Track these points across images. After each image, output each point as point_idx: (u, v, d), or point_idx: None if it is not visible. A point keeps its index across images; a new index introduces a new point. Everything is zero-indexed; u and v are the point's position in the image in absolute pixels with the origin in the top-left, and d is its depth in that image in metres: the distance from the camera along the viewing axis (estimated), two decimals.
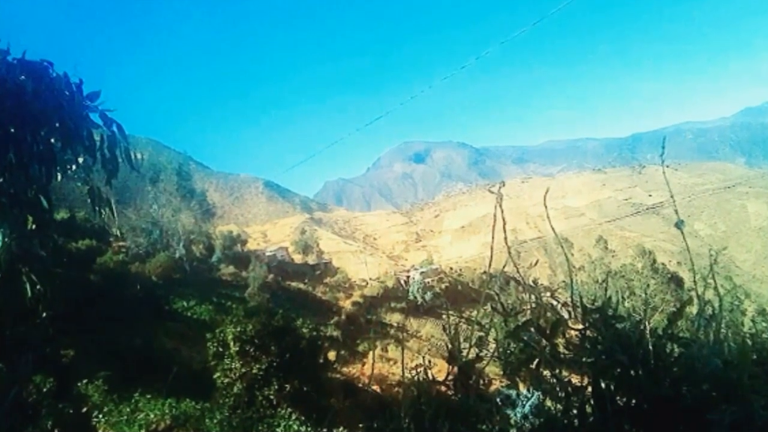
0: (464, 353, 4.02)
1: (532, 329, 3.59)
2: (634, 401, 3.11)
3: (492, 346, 4.06)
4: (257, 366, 19.99)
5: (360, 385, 30.95)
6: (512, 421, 4.37)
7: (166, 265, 46.49)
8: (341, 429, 17.99)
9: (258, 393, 19.65)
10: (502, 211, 3.84)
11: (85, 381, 19.60)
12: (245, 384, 19.82)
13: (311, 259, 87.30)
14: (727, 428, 2.66)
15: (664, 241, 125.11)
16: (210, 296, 43.13)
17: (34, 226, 5.83)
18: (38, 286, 5.87)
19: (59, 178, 6.10)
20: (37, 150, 5.71)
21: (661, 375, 3.08)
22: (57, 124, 5.76)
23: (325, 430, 18.53)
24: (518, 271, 4.47)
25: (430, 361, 5.07)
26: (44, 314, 6.08)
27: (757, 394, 2.78)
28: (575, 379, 3.38)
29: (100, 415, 17.48)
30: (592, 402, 3.19)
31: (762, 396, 2.78)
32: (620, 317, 3.42)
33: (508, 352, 3.95)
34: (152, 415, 17.86)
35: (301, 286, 61.88)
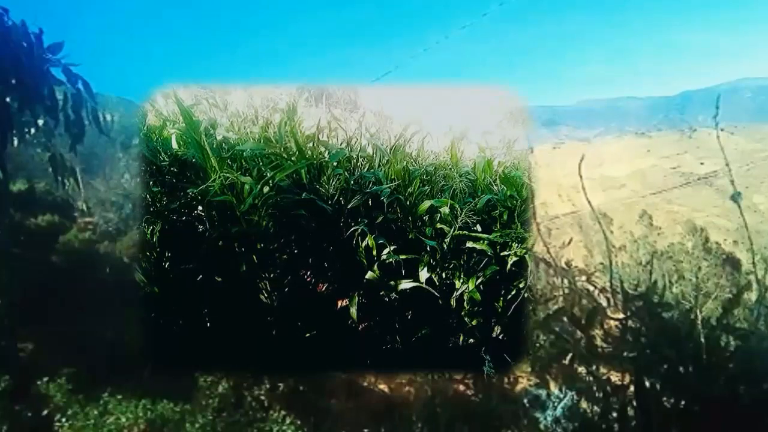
0: None
1: (565, 319, 3.60)
2: (683, 402, 3.12)
3: None
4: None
5: (365, 383, 31.17)
6: (541, 426, 4.39)
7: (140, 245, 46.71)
8: None
9: (247, 393, 19.77)
10: (531, 182, 3.84)
11: (46, 379, 19.73)
12: (232, 382, 19.95)
13: None
14: None
15: (718, 216, 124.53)
16: None
17: None
18: None
19: (16, 143, 6.10)
20: None
21: (715, 372, 3.08)
22: (13, 81, 5.74)
23: None
24: (549, 252, 4.47)
25: None
26: None
27: None
28: (615, 377, 3.39)
29: (64, 419, 17.55)
30: (634, 403, 3.20)
31: None
32: (667, 305, 3.41)
33: (537, 345, 3.96)
34: (124, 419, 17.95)
35: None
